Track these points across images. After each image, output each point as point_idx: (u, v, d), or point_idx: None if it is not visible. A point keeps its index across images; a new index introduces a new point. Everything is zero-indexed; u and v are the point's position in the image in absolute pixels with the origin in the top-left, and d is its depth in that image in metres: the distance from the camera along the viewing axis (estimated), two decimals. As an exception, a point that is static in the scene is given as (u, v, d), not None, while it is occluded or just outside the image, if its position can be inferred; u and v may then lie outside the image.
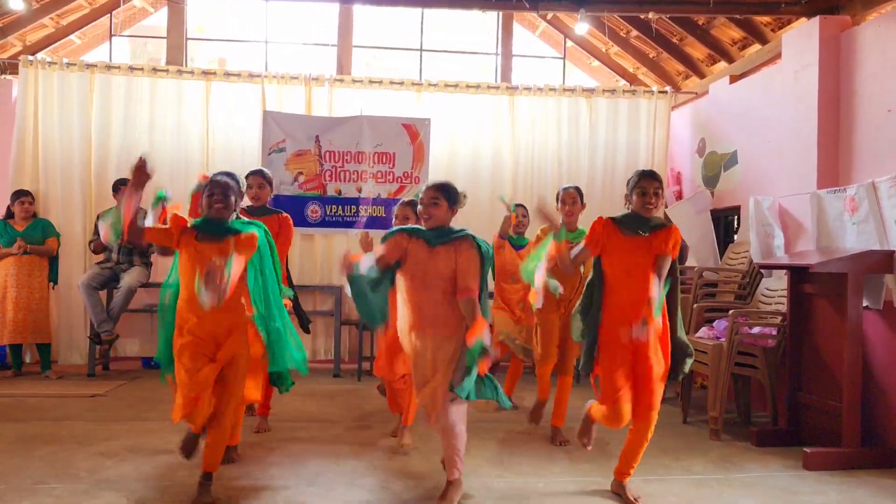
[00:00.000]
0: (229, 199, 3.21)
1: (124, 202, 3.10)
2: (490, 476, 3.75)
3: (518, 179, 7.18)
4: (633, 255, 3.37)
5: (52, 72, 6.63)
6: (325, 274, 6.98)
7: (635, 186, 3.43)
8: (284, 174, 6.79)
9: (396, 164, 6.93)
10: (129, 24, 7.90)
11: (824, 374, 4.41)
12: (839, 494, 3.64)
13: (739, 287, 5.57)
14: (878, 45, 4.72)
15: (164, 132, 6.81)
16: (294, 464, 3.87)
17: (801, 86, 5.24)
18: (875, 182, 4.40)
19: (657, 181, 3.42)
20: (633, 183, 3.45)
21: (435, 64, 8.19)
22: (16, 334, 5.98)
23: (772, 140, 5.70)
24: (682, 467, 4.01)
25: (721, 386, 4.63)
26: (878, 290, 4.41)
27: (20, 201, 6.15)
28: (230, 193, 3.22)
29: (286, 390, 3.68)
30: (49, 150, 6.62)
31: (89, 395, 5.40)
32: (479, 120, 7.17)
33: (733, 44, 6.63)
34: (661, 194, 3.43)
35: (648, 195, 3.39)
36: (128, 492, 3.36)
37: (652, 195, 3.40)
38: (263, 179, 4.44)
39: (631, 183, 3.47)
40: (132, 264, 6.27)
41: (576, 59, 8.50)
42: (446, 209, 3.31)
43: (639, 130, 7.24)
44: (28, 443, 4.11)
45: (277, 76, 6.93)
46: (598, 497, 3.50)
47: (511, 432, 4.64)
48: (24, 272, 6.02)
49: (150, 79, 6.79)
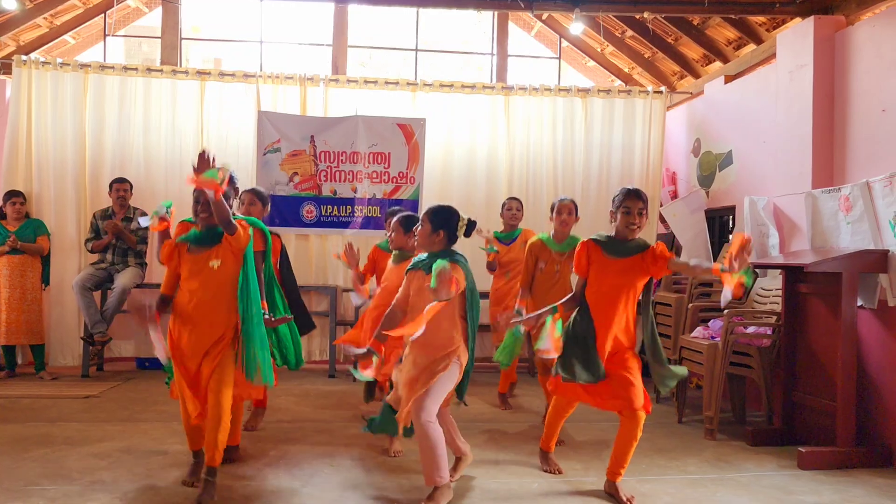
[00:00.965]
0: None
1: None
2: (485, 477, 3.74)
3: (513, 179, 7.17)
4: (614, 277, 3.39)
5: (46, 72, 6.60)
6: (320, 274, 6.96)
7: (620, 205, 3.43)
8: (279, 174, 6.78)
9: (392, 165, 6.92)
10: (124, 24, 7.88)
11: (819, 373, 4.42)
12: (834, 494, 3.64)
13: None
14: (873, 45, 4.73)
15: (159, 132, 6.80)
16: (289, 464, 3.86)
17: (796, 85, 5.24)
18: (870, 182, 4.40)
19: (642, 201, 3.41)
20: (619, 202, 3.45)
21: (430, 64, 8.20)
22: (9, 335, 5.95)
23: (767, 140, 5.71)
24: (676, 467, 4.01)
25: (716, 385, 4.64)
26: (873, 289, 4.42)
27: (11, 202, 6.13)
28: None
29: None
30: (42, 150, 6.59)
31: (83, 396, 5.37)
32: (475, 120, 7.17)
33: (728, 44, 6.64)
34: (646, 214, 3.43)
35: (632, 215, 3.39)
36: (121, 493, 3.34)
37: (636, 215, 3.39)
38: (255, 197, 4.47)
39: (616, 201, 3.47)
40: (126, 265, 6.25)
41: (571, 59, 8.51)
42: (429, 232, 3.37)
43: (634, 130, 7.24)
44: (21, 444, 4.08)
45: (272, 76, 6.91)
46: (591, 498, 3.49)
47: (505, 433, 4.64)
48: (16, 273, 6.00)
49: (145, 79, 6.77)
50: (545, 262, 4.51)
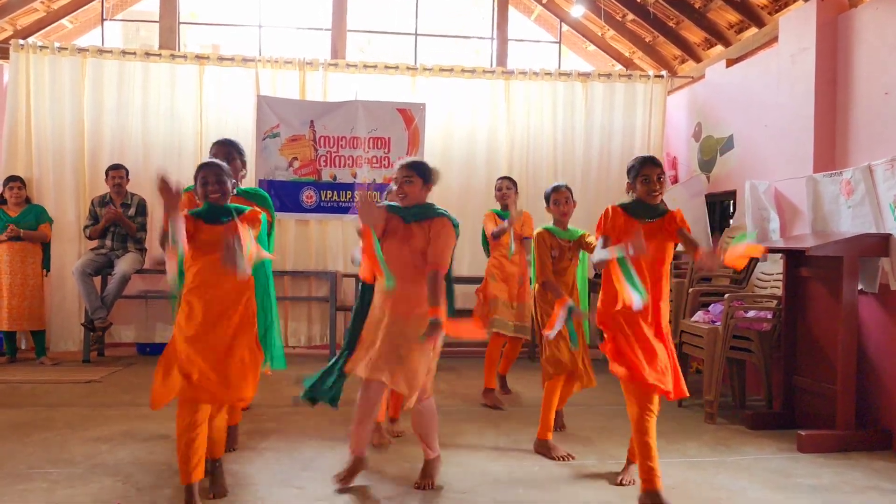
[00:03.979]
0: (224, 184, 3.06)
1: (174, 232, 2.81)
2: (487, 461, 3.76)
3: (514, 164, 7.15)
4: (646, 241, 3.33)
5: (44, 56, 6.56)
6: (319, 260, 6.96)
7: (638, 174, 3.36)
8: (279, 159, 6.76)
9: (391, 149, 6.90)
10: (121, 8, 7.83)
11: (819, 357, 4.43)
12: (833, 476, 3.65)
13: (735, 271, 5.56)
14: (876, 28, 4.70)
15: (157, 117, 6.77)
16: (289, 448, 3.88)
17: (798, 69, 5.21)
18: (871, 165, 4.39)
19: (659, 167, 3.36)
20: (636, 171, 3.37)
21: (430, 48, 8.13)
22: (11, 321, 5.97)
23: (768, 124, 5.68)
24: (676, 450, 4.02)
25: (716, 370, 4.64)
26: (874, 273, 4.41)
27: (10, 187, 6.12)
28: (224, 178, 3.07)
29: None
30: (41, 135, 6.57)
31: (84, 381, 5.39)
32: (475, 105, 7.14)
33: (730, 27, 6.60)
34: (664, 179, 3.39)
35: (652, 182, 3.33)
36: (123, 476, 3.36)
37: (655, 181, 3.33)
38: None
39: (633, 171, 3.38)
40: (126, 250, 6.24)
41: (571, 43, 8.46)
42: (420, 186, 3.33)
43: (635, 115, 7.22)
44: (23, 429, 4.10)
45: (271, 60, 6.87)
46: (592, 480, 3.50)
47: (508, 418, 4.65)
48: (17, 259, 6.00)
49: (143, 63, 6.73)
50: (557, 251, 4.40)
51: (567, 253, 4.21)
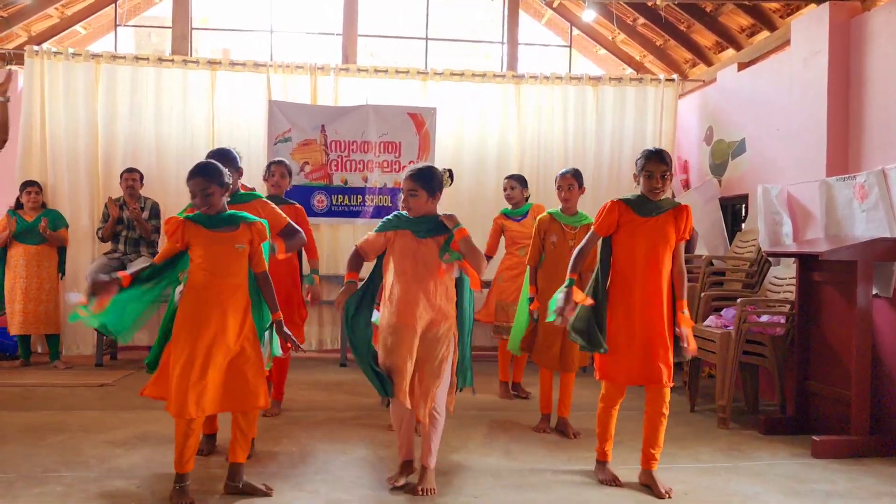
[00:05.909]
0: (211, 196, 3.10)
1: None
2: (498, 464, 3.75)
3: (524, 168, 7.12)
4: (646, 236, 3.33)
5: (58, 62, 6.62)
6: (331, 263, 6.97)
7: (642, 169, 3.37)
8: (290, 164, 6.76)
9: (402, 154, 6.91)
10: (134, 14, 7.90)
11: (833, 362, 4.40)
12: (847, 482, 3.63)
13: (747, 275, 5.54)
14: (889, 31, 4.68)
15: (170, 122, 6.81)
16: (302, 452, 3.89)
17: (811, 72, 5.19)
18: (885, 169, 4.36)
19: (665, 164, 3.34)
20: (641, 165, 3.38)
21: (440, 53, 8.16)
22: (26, 325, 6.01)
23: (780, 128, 5.66)
24: (689, 455, 4.01)
25: (729, 374, 4.62)
26: (888, 277, 4.38)
27: (27, 191, 6.17)
28: (210, 190, 3.09)
29: None
30: (56, 140, 6.61)
31: (98, 385, 5.42)
32: (485, 109, 7.14)
33: (741, 31, 6.58)
34: (669, 177, 3.37)
35: (655, 179, 3.33)
36: (138, 479, 3.38)
37: (659, 179, 3.33)
38: (286, 169, 4.67)
39: (639, 164, 3.40)
40: (139, 254, 6.28)
41: (582, 47, 8.46)
42: (426, 199, 3.27)
43: (646, 119, 7.20)
44: (37, 432, 4.13)
45: (282, 65, 6.90)
46: (606, 485, 3.49)
47: (518, 423, 4.64)
48: (33, 263, 6.05)
49: (156, 69, 6.78)
50: (557, 236, 4.37)
51: (568, 237, 4.22)
